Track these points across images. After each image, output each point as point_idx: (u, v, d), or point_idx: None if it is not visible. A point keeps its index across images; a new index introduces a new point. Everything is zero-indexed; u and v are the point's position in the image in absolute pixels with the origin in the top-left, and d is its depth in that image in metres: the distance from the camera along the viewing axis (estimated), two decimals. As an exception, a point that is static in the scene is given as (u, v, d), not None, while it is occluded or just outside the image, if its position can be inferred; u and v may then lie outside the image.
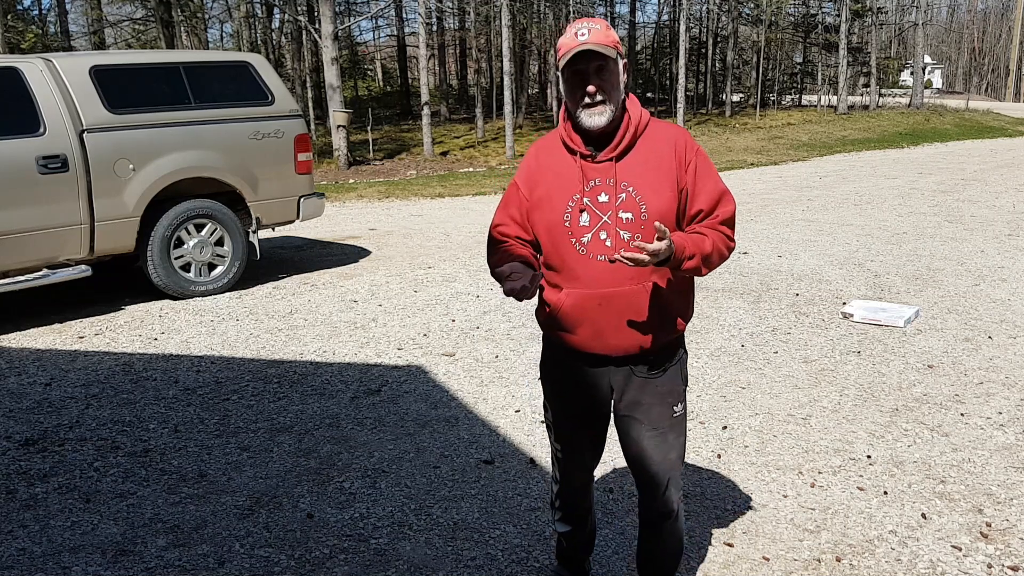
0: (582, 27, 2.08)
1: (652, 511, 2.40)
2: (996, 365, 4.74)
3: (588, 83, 2.06)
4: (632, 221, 2.10)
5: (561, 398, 2.40)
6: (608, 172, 2.12)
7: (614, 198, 2.11)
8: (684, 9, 22.60)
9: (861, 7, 29.63)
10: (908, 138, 21.36)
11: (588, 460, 2.48)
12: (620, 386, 2.28)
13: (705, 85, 30.60)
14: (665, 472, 2.32)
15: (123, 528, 3.12)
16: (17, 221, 5.48)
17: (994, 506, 3.20)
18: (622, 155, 2.13)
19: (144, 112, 6.06)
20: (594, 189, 2.12)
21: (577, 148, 2.14)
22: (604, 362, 2.25)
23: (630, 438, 2.34)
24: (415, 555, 2.92)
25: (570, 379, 2.35)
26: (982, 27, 68.63)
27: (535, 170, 2.24)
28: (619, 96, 2.11)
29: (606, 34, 2.07)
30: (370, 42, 38.78)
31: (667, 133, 2.17)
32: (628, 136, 2.12)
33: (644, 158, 2.13)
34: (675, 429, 2.31)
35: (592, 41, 2.04)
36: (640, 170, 2.12)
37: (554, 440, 2.48)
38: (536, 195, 2.21)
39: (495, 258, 2.25)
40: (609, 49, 2.05)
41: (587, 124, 2.10)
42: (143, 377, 4.74)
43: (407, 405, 4.26)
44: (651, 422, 2.28)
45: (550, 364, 2.41)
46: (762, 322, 5.58)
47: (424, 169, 15.89)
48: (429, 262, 7.54)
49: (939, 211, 10.02)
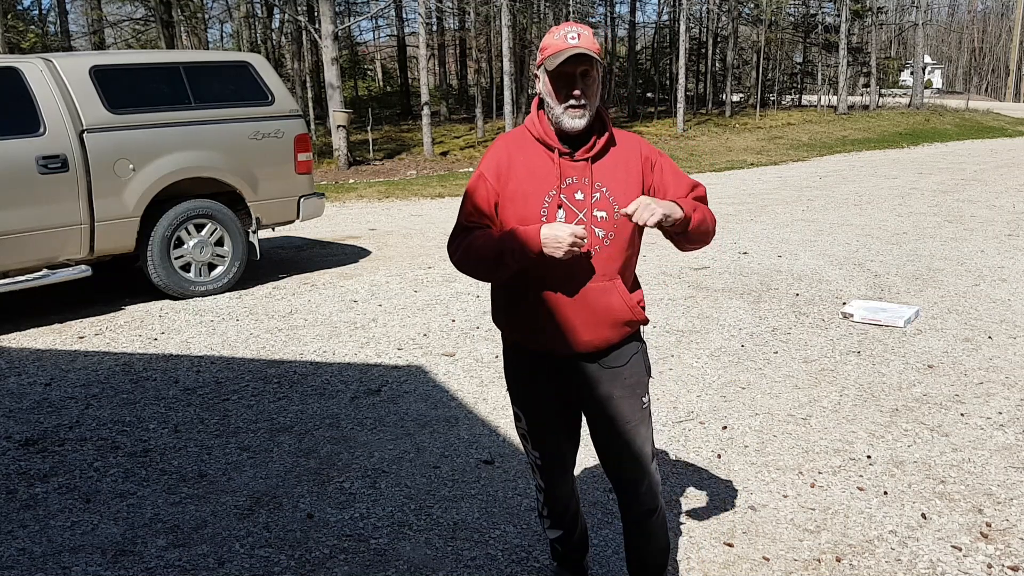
0: (571, 31, 2.13)
1: (636, 509, 2.39)
2: (996, 365, 4.74)
3: (575, 86, 2.11)
4: (606, 220, 2.16)
5: (532, 403, 2.39)
6: (584, 171, 2.17)
7: (589, 196, 2.16)
8: (684, 9, 22.60)
9: (861, 7, 29.63)
10: (908, 138, 21.36)
11: (568, 463, 2.50)
12: (590, 382, 2.29)
13: (705, 85, 30.59)
14: (642, 467, 2.34)
15: (123, 528, 3.13)
16: (17, 221, 5.48)
17: (994, 506, 3.20)
18: (597, 156, 2.19)
19: (144, 112, 6.06)
20: (571, 187, 2.16)
21: (555, 145, 2.18)
22: (573, 359, 2.27)
23: (603, 438, 2.35)
24: (415, 555, 2.92)
25: (539, 381, 2.34)
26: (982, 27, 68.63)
27: (506, 164, 2.21)
28: (596, 102, 2.17)
29: (592, 41, 2.14)
30: (370, 42, 38.82)
31: (632, 141, 2.27)
32: (604, 139, 2.19)
33: (615, 161, 2.21)
34: (645, 422, 2.34)
35: (583, 45, 2.10)
36: (611, 172, 2.19)
37: (532, 448, 2.46)
38: (509, 189, 2.20)
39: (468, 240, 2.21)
40: (596, 56, 2.12)
41: (568, 125, 2.14)
42: (143, 377, 4.74)
43: (407, 405, 4.26)
44: (623, 417, 2.30)
45: (516, 369, 2.39)
46: (762, 322, 5.58)
47: (424, 169, 15.89)
48: (429, 262, 7.54)
49: (939, 211, 10.02)
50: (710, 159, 17.07)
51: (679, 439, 3.82)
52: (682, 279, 6.72)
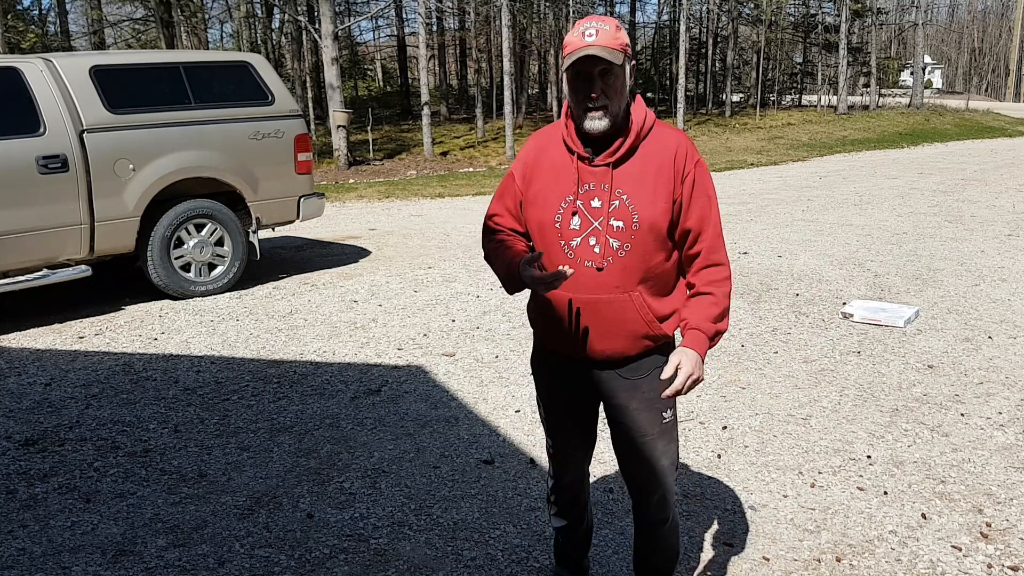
0: (590, 26, 2.00)
1: (645, 517, 2.39)
2: (996, 365, 4.74)
3: (592, 87, 2.00)
4: (622, 230, 2.05)
5: (547, 395, 2.40)
6: (604, 177, 2.06)
7: (607, 204, 2.05)
8: (684, 9, 22.59)
9: (861, 7, 29.63)
10: (908, 138, 21.37)
11: (579, 457, 2.48)
12: (606, 390, 2.26)
13: (705, 85, 30.59)
14: (655, 480, 2.30)
15: (123, 528, 3.13)
16: (17, 221, 5.48)
17: (994, 506, 3.20)
18: (620, 161, 2.06)
19: (144, 112, 6.06)
20: (588, 193, 2.07)
21: (575, 149, 2.09)
22: (587, 366, 2.24)
23: (619, 444, 2.34)
24: (415, 555, 2.92)
25: (555, 378, 2.34)
26: (982, 27, 68.63)
27: (532, 164, 2.18)
28: (622, 101, 2.04)
29: (615, 35, 1.99)
30: (370, 42, 38.80)
31: (669, 141, 2.09)
32: (629, 142, 2.06)
33: (642, 166, 2.06)
34: (665, 436, 2.27)
35: (599, 43, 1.96)
36: (637, 178, 2.06)
37: (547, 435, 2.49)
38: (532, 190, 2.16)
39: (490, 247, 2.26)
40: (615, 53, 1.97)
41: (587, 127, 2.04)
42: (143, 377, 4.74)
43: (407, 405, 4.26)
44: (639, 429, 2.25)
45: (537, 361, 2.41)
46: (762, 322, 5.58)
47: (424, 169, 15.89)
48: (429, 262, 7.54)
49: (939, 211, 10.02)
50: (710, 159, 17.08)
51: (679, 439, 3.81)
52: (682, 279, 6.72)
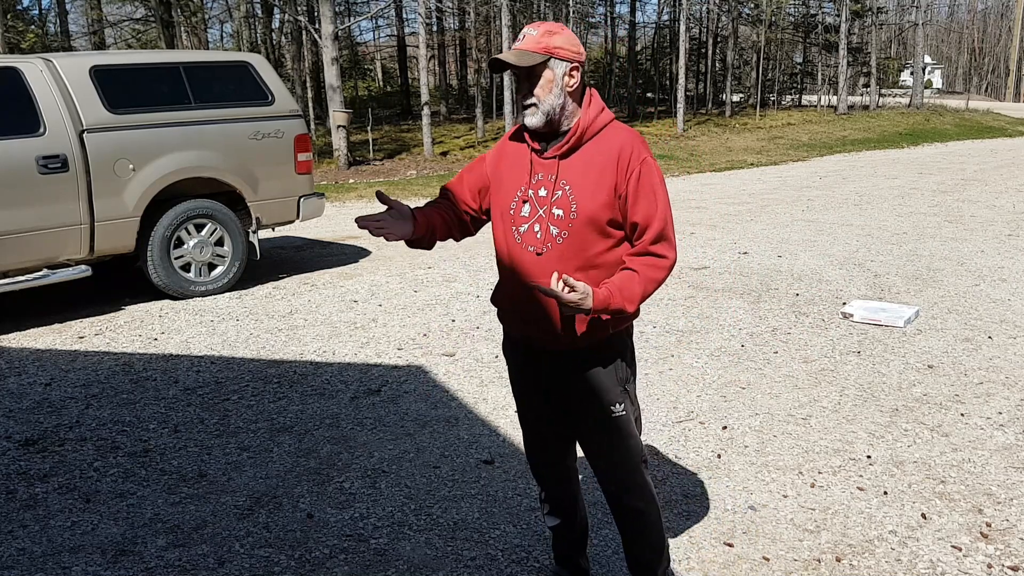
0: (523, 32, 2.17)
1: (613, 506, 2.46)
2: (996, 365, 4.74)
3: (520, 87, 2.18)
4: (561, 218, 2.17)
5: (512, 379, 2.51)
6: (551, 168, 2.20)
7: (551, 194, 2.19)
8: (684, 9, 22.59)
9: (861, 7, 29.62)
10: (908, 138, 21.36)
11: (550, 447, 2.50)
12: (556, 376, 2.31)
13: (705, 85, 30.59)
14: (612, 474, 2.35)
15: (123, 528, 3.13)
16: (17, 221, 5.48)
17: (994, 506, 3.20)
18: (567, 154, 2.19)
19: (144, 112, 6.06)
20: (538, 183, 2.21)
21: (529, 142, 2.25)
22: (538, 352, 2.32)
23: (578, 435, 2.40)
24: (415, 555, 2.92)
25: (516, 361, 2.44)
26: (982, 27, 68.62)
27: (502, 154, 2.34)
28: (553, 100, 2.14)
29: (538, 40, 2.12)
30: (370, 42, 38.77)
31: (618, 139, 2.17)
32: (575, 138, 2.18)
33: (588, 160, 2.17)
34: (617, 430, 2.29)
35: (519, 47, 2.13)
36: (582, 171, 2.17)
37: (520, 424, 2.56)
38: (497, 177, 2.32)
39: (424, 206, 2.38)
40: (531, 56, 2.10)
41: (524, 123, 2.22)
42: (143, 377, 4.74)
43: (407, 405, 4.26)
44: (586, 420, 2.32)
45: (504, 346, 2.50)
46: (762, 322, 5.58)
47: (424, 169, 15.89)
48: (429, 262, 7.54)
49: (939, 211, 10.02)
50: (710, 159, 17.07)
51: (679, 439, 3.82)
52: (682, 279, 6.72)
